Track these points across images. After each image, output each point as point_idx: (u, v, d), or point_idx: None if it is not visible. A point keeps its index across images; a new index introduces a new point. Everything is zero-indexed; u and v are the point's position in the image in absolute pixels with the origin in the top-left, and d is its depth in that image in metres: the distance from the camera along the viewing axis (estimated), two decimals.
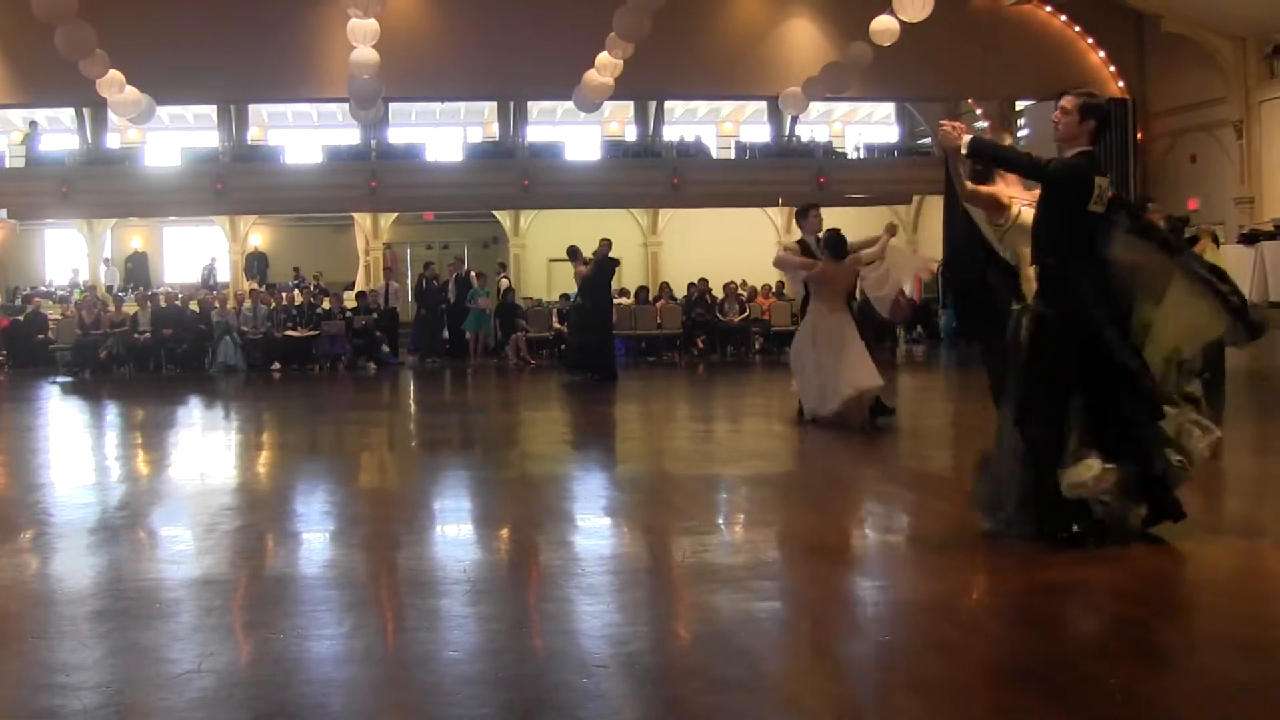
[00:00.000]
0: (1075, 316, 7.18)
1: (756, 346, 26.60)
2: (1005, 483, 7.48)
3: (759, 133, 34.24)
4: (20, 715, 4.73)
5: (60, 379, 23.61)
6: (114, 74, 21.73)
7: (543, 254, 32.07)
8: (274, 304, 26.10)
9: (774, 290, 28.64)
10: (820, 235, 13.91)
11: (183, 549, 8.01)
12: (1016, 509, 7.40)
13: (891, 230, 14.24)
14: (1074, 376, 7.23)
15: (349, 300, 27.27)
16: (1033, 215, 7.48)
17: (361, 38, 21.36)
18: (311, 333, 25.50)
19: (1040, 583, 6.77)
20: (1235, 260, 19.67)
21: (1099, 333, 7.14)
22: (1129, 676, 5.05)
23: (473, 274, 27.46)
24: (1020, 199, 7.89)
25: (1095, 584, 6.58)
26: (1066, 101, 7.41)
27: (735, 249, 29.19)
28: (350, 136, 32.28)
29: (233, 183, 29.69)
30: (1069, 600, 6.32)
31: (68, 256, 33.65)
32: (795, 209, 15.35)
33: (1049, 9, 27.85)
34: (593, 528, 8.63)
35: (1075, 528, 7.28)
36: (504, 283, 28.13)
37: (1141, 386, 7.16)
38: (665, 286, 28.58)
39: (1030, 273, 7.52)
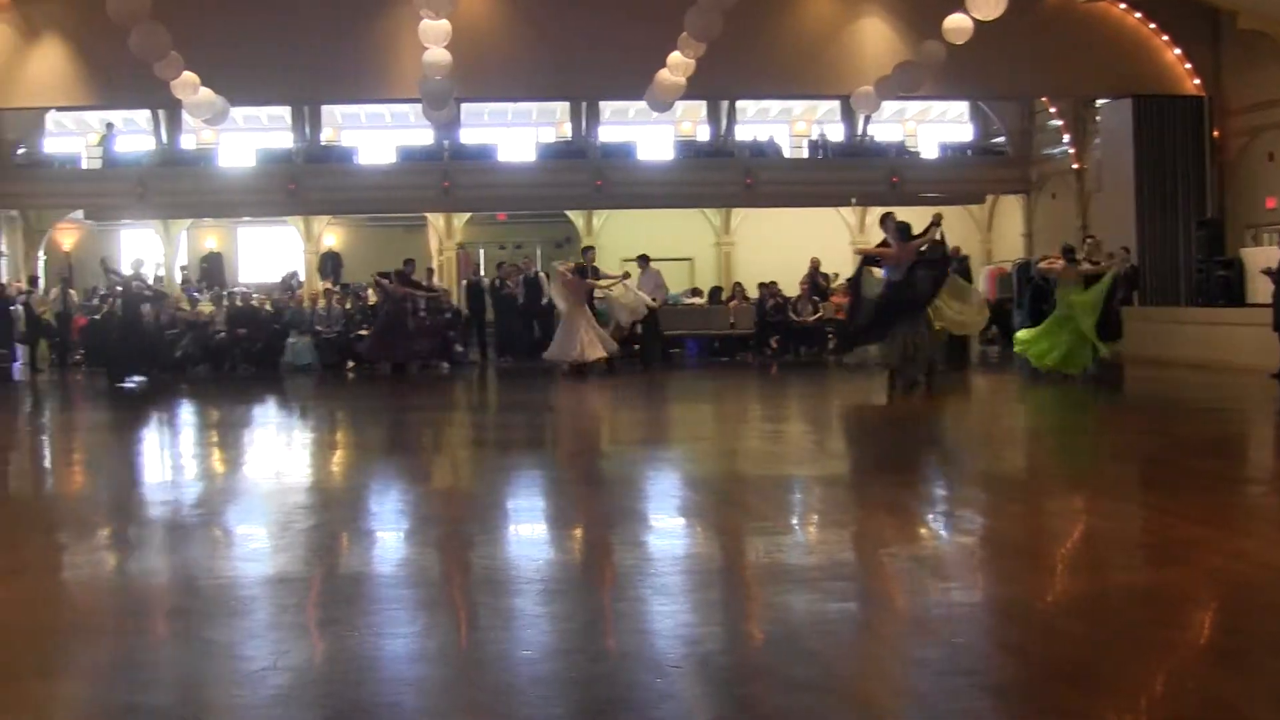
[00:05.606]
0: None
1: (831, 346, 26.34)
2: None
3: (832, 132, 34.03)
4: (98, 711, 4.78)
5: (136, 378, 23.88)
6: (188, 76, 21.91)
7: (616, 254, 32.01)
8: (349, 304, 26.31)
9: (847, 290, 28.47)
10: None
11: (258, 547, 8.08)
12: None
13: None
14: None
15: None
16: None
17: (434, 39, 21.42)
18: None
19: (1114, 584, 6.69)
20: None
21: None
22: (1207, 679, 4.98)
23: (541, 274, 27.50)
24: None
25: (1169, 585, 6.49)
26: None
27: (808, 249, 28.98)
28: (423, 137, 32.38)
29: (306, 183, 29.89)
30: (1143, 602, 6.23)
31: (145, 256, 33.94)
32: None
33: (1123, 6, 27.40)
34: (665, 528, 8.60)
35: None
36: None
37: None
38: (738, 286, 28.56)
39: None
